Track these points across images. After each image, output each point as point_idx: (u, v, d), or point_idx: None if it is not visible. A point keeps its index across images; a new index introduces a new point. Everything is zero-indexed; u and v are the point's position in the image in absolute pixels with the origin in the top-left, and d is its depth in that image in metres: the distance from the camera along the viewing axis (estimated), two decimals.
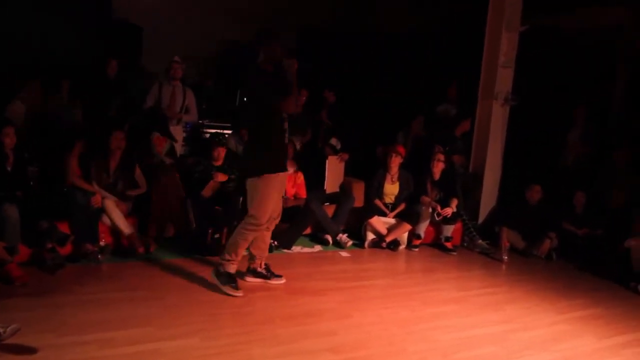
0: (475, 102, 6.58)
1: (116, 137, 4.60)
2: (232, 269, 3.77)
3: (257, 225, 3.71)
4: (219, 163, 5.00)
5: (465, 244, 5.83)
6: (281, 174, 3.78)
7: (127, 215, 4.66)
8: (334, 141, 6.03)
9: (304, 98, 6.47)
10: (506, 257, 5.38)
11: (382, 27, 8.69)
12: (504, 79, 6.40)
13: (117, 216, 4.41)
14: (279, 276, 4.08)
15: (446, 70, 7.44)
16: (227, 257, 3.75)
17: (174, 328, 3.09)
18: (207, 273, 4.02)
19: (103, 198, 4.40)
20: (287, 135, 3.77)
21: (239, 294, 3.69)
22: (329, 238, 5.31)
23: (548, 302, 4.22)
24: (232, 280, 3.75)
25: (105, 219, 4.43)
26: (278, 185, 3.78)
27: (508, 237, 5.65)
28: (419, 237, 5.49)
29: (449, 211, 5.40)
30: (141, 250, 4.43)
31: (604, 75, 7.99)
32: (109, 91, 5.93)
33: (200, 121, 6.93)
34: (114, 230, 4.46)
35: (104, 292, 3.59)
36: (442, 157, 5.72)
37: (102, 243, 4.27)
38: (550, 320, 3.83)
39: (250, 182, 3.71)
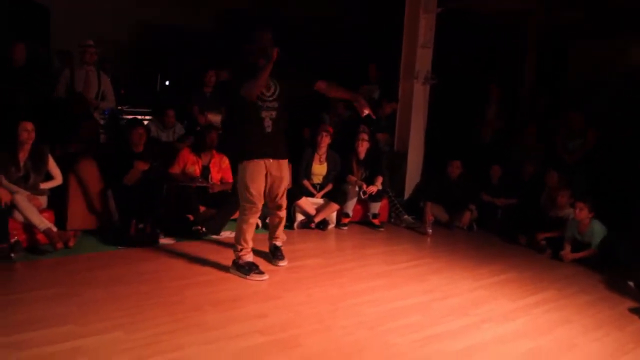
0: (397, 82, 6.75)
1: (25, 127, 4.29)
2: (248, 257, 3.94)
3: (247, 208, 3.87)
4: (139, 149, 4.82)
5: (392, 220, 6.03)
6: (258, 160, 3.84)
7: (44, 210, 4.42)
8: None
9: (213, 78, 6.37)
10: (430, 230, 5.62)
11: (301, 10, 8.65)
12: (423, 59, 6.61)
13: (29, 211, 4.15)
14: (282, 258, 4.26)
15: (367, 52, 7.55)
16: (238, 247, 3.93)
17: (95, 323, 2.97)
18: (132, 264, 3.90)
19: (13, 193, 4.12)
20: (267, 123, 3.78)
21: (265, 277, 3.87)
22: (258, 222, 5.29)
23: (468, 270, 4.47)
24: (253, 267, 3.90)
25: (18, 215, 4.15)
26: (257, 171, 3.84)
27: (432, 211, 5.90)
28: (347, 215, 5.61)
29: (374, 189, 5.55)
30: (60, 245, 4.21)
31: (516, 56, 8.46)
32: (17, 78, 5.50)
33: (119, 107, 6.63)
34: (29, 226, 4.20)
35: (17, 292, 3.38)
36: (366, 136, 5.84)
37: (12, 240, 4.01)
38: (470, 287, 4.06)
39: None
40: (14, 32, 6.03)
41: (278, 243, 4.34)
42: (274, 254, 4.31)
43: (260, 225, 5.31)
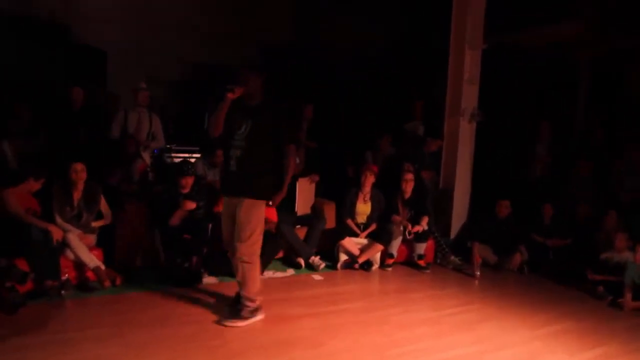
0: (443, 119, 6.67)
1: (75, 169, 4.46)
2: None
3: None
4: (186, 190, 4.91)
5: (438, 261, 5.85)
6: (224, 197, 3.85)
7: (93, 248, 4.53)
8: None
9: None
10: (478, 273, 5.41)
11: (346, 46, 8.76)
12: (469, 96, 6.52)
13: (80, 250, 4.26)
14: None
15: (412, 88, 7.53)
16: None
17: None
18: (175, 305, 3.93)
19: (65, 232, 4.26)
20: (232, 162, 3.65)
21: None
22: (302, 261, 5.26)
23: (520, 318, 4.24)
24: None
25: (69, 253, 4.27)
26: (225, 209, 3.83)
27: (480, 252, 5.69)
28: (391, 256, 5.48)
29: (419, 229, 5.43)
30: (107, 284, 4.29)
31: (568, 88, 8.22)
32: (74, 120, 5.78)
33: (168, 146, 6.84)
34: (79, 264, 4.31)
35: (68, 331, 3.44)
36: (411, 175, 5.75)
37: (63, 278, 4.11)
38: (523, 337, 3.84)
39: None
40: (74, 75, 6.36)
41: (244, 302, 3.77)
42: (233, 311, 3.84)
43: (303, 264, 5.27)
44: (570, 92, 8.32)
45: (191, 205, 4.83)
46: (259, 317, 3.76)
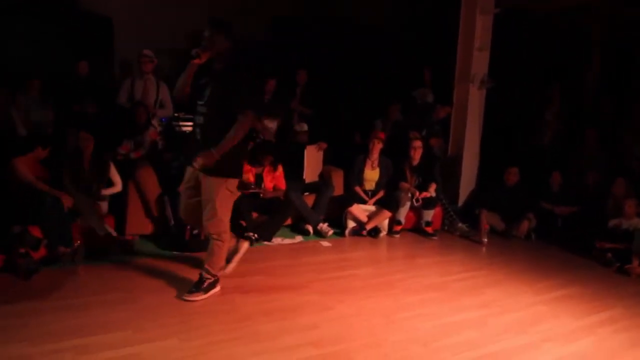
0: (452, 86, 6.58)
1: (81, 137, 4.51)
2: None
3: None
4: None
5: (445, 228, 5.88)
6: (189, 168, 3.57)
7: (104, 215, 4.60)
8: (298, 126, 5.95)
9: (272, 87, 6.45)
10: (486, 240, 5.44)
11: (354, 15, 8.59)
12: (479, 62, 6.42)
13: (91, 217, 4.33)
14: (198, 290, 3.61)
15: (421, 56, 7.40)
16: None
17: (151, 330, 3.06)
18: (185, 271, 4.00)
19: (76, 199, 4.31)
20: (197, 129, 3.46)
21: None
22: (310, 228, 5.31)
23: (526, 283, 4.28)
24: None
25: (81, 220, 4.34)
26: (187, 181, 3.62)
27: (487, 219, 5.70)
28: (399, 223, 5.51)
29: (427, 195, 5.44)
30: (118, 250, 4.37)
31: (579, 56, 8.04)
32: (81, 89, 5.80)
33: (176, 114, 6.83)
34: (91, 231, 4.38)
35: (80, 296, 3.52)
36: (419, 142, 5.73)
37: (76, 245, 4.18)
38: (529, 301, 3.89)
39: None
40: (78, 43, 6.33)
41: (204, 274, 3.59)
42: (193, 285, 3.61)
43: (312, 231, 5.32)
44: (582, 60, 8.16)
45: None
46: (217, 289, 3.64)
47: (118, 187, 4.75)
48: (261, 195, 5.17)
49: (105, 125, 5.45)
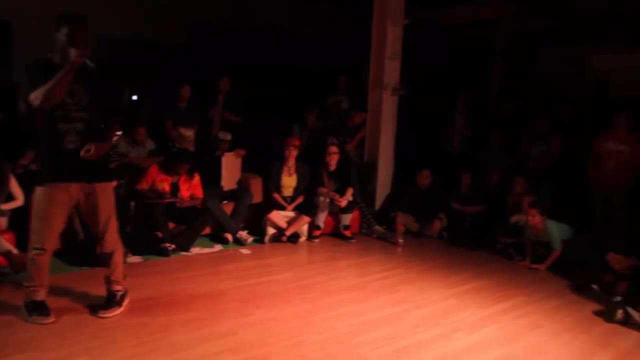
0: (366, 93, 6.81)
1: None
2: (37, 295, 3.27)
3: (32, 246, 3.26)
4: None
5: (363, 231, 6.04)
6: (55, 185, 3.17)
7: (4, 231, 4.28)
8: (221, 134, 5.90)
9: (188, 93, 6.38)
10: (401, 240, 5.65)
11: (271, 22, 8.67)
12: (391, 70, 6.68)
13: None
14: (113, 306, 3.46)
15: (337, 64, 7.61)
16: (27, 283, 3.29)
17: (60, 349, 2.88)
18: (95, 286, 3.81)
19: None
20: (72, 137, 3.10)
21: (50, 320, 3.21)
22: (229, 236, 5.25)
23: (439, 279, 4.50)
24: (37, 308, 3.24)
25: None
26: (58, 199, 3.20)
27: (402, 220, 5.95)
28: (318, 227, 5.60)
29: (344, 202, 5.57)
30: (20, 268, 4.07)
31: (484, 64, 8.64)
32: None
33: None
34: None
35: None
36: (335, 148, 5.85)
37: None
38: (441, 296, 4.09)
39: None
40: None
41: (114, 288, 3.48)
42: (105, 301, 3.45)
43: (231, 239, 5.26)
44: (486, 67, 8.77)
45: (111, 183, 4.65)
46: (128, 299, 3.55)
47: (19, 200, 4.43)
48: (177, 204, 5.05)
49: (5, 134, 5.08)
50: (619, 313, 3.69)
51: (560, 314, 3.82)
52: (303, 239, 5.53)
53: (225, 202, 5.48)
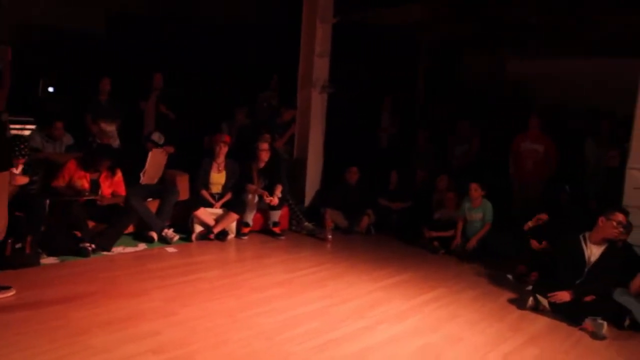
0: (296, 91, 6.83)
1: None
2: None
3: None
4: (16, 170, 4.40)
5: (293, 228, 6.06)
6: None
7: None
8: (155, 136, 5.72)
9: (108, 86, 6.15)
10: (330, 236, 5.73)
11: (201, 16, 8.48)
12: (320, 68, 6.73)
13: None
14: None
15: (267, 61, 7.58)
16: None
17: None
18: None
19: None
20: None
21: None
22: (154, 235, 5.08)
23: (366, 273, 4.60)
24: None
25: None
26: None
27: (331, 217, 6.03)
28: (247, 225, 5.55)
29: (275, 200, 5.55)
30: None
31: (410, 66, 8.92)
32: None
33: None
34: None
35: None
36: (266, 145, 5.83)
37: None
38: (367, 289, 4.18)
39: None
40: None
41: None
42: None
43: (156, 238, 5.10)
44: (412, 70, 9.06)
45: (22, 180, 4.38)
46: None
47: None
48: (98, 202, 4.82)
49: None
50: (530, 300, 3.95)
51: (477, 304, 4.03)
52: (232, 236, 5.46)
53: (150, 199, 5.30)
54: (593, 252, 3.95)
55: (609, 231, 3.92)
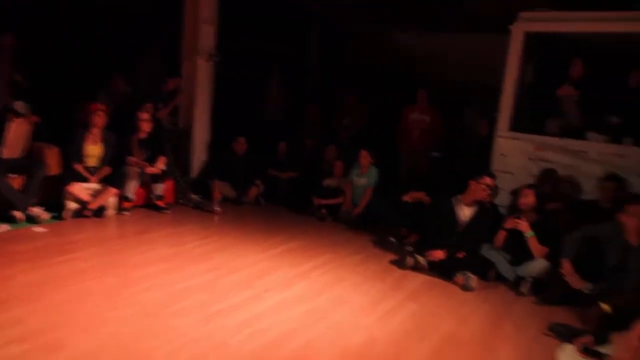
0: (181, 58, 6.49)
1: None
2: None
3: None
4: None
5: (180, 201, 5.83)
6: None
7: None
8: (19, 105, 5.10)
9: None
10: (219, 208, 5.61)
11: None
12: (206, 35, 6.43)
13: None
14: None
15: (148, 26, 7.08)
16: None
17: None
18: None
19: None
20: None
21: None
22: (18, 214, 4.59)
23: (254, 243, 4.58)
24: None
25: None
26: None
27: (219, 188, 5.89)
28: (128, 199, 5.23)
29: (156, 170, 5.29)
30: None
31: (301, 37, 8.85)
32: None
33: None
34: None
35: None
36: (147, 115, 5.50)
37: None
38: (255, 259, 4.17)
39: None
40: None
41: None
42: None
43: (22, 217, 4.63)
44: (303, 41, 9.01)
45: None
46: None
47: None
48: None
49: None
50: (409, 260, 4.19)
51: (362, 267, 4.20)
52: (111, 212, 5.12)
53: (13, 175, 4.77)
54: (464, 213, 4.27)
55: (479, 193, 4.26)
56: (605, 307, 3.01)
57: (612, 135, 4.91)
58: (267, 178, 6.31)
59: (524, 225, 4.01)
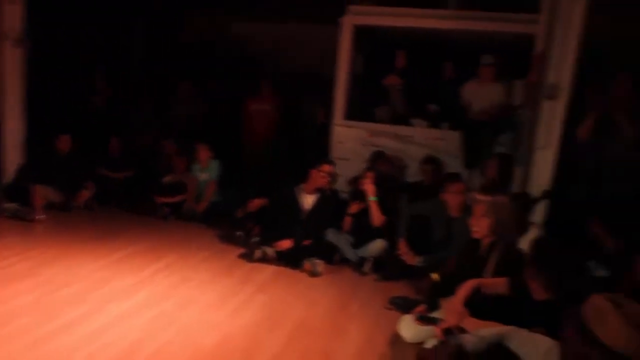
0: None
1: None
2: None
3: None
4: None
5: None
6: None
7: None
8: None
9: None
10: (43, 216, 4.97)
11: None
12: (12, 16, 5.59)
13: None
14: None
15: None
16: None
17: None
18: None
19: None
20: None
21: None
22: None
23: (88, 253, 4.14)
24: None
25: None
26: None
27: (41, 193, 5.19)
28: None
29: None
30: None
31: (126, 26, 8.18)
32: None
33: None
34: None
35: None
36: None
37: None
38: (89, 270, 3.77)
39: None
40: None
41: None
42: None
43: None
44: (128, 29, 8.34)
45: None
46: None
47: None
48: None
49: None
50: (257, 252, 4.18)
51: (207, 265, 4.07)
52: None
53: None
54: (307, 201, 4.39)
55: (319, 181, 4.40)
56: (434, 276, 3.34)
57: (431, 121, 5.47)
58: (98, 179, 5.75)
59: (370, 188, 4.23)
